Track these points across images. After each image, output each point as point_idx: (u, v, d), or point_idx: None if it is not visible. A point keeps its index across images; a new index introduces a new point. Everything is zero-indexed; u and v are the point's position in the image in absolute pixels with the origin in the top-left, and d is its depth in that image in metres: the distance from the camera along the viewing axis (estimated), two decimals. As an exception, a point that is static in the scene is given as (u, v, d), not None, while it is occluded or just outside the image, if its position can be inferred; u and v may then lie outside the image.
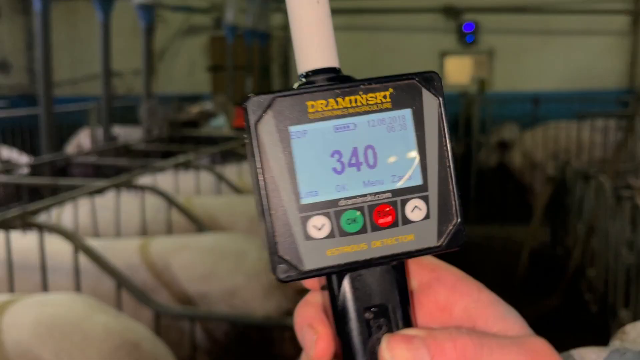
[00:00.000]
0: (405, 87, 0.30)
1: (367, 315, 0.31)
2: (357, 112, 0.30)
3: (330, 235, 0.30)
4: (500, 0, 7.78)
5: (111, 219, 2.84)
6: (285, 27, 8.67)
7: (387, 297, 0.31)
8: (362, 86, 0.30)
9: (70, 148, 6.29)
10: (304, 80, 0.31)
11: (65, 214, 2.92)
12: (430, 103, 0.31)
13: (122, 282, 2.07)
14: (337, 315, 0.31)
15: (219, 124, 5.43)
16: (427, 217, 0.31)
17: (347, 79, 0.31)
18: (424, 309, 0.33)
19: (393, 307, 0.31)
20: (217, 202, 2.99)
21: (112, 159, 4.27)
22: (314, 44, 0.30)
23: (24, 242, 2.36)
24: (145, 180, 3.07)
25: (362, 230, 0.30)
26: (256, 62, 7.99)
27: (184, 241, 2.39)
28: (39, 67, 4.11)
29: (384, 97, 0.30)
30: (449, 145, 0.31)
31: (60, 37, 9.40)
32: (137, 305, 2.11)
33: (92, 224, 2.79)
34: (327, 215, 0.29)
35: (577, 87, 7.62)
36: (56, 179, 3.46)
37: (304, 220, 0.29)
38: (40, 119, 4.14)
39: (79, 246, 2.11)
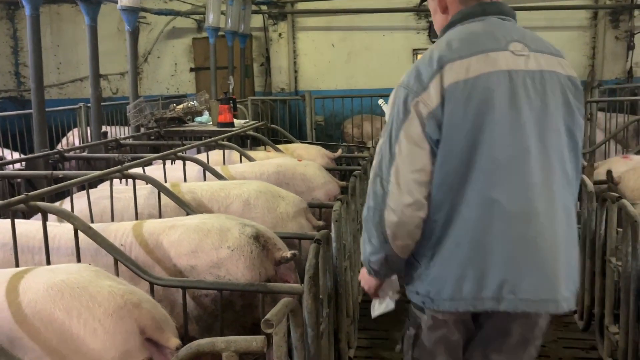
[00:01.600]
0: None
1: None
2: None
3: None
4: (468, -1, 8.10)
5: (105, 207, 2.99)
6: (265, 29, 8.90)
7: None
8: None
9: (60, 147, 6.42)
10: None
11: (62, 205, 3.12)
12: None
13: (119, 257, 2.20)
14: None
15: (203, 121, 5.60)
16: None
17: None
18: None
19: None
20: (202, 187, 3.12)
21: (103, 154, 4.35)
22: None
23: (24, 227, 2.48)
24: (135, 171, 3.27)
25: None
26: (237, 62, 8.19)
27: (172, 222, 2.47)
28: (29, 66, 4.11)
29: None
30: None
31: (46, 42, 9.53)
32: (133, 279, 2.20)
33: (88, 212, 2.93)
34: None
35: (540, 78, 7.97)
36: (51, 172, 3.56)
37: None
38: (32, 118, 4.17)
39: (79, 226, 2.23)
